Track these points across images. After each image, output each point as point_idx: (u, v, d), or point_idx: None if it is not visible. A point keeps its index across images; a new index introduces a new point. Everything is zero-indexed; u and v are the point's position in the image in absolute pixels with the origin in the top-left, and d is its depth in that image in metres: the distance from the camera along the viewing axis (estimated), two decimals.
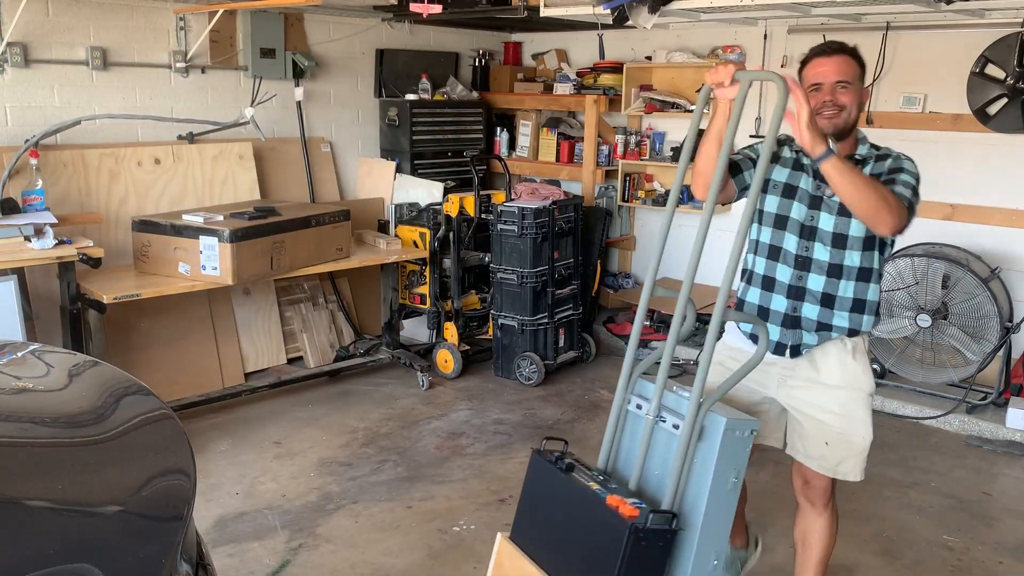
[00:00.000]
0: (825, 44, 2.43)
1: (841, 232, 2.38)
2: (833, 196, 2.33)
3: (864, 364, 2.45)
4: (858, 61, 2.40)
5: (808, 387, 2.46)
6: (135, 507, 1.39)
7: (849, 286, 2.39)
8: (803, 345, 2.44)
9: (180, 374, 4.53)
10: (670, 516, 2.07)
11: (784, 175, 2.47)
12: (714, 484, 2.14)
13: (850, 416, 2.43)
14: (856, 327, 2.42)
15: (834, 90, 2.34)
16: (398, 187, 5.52)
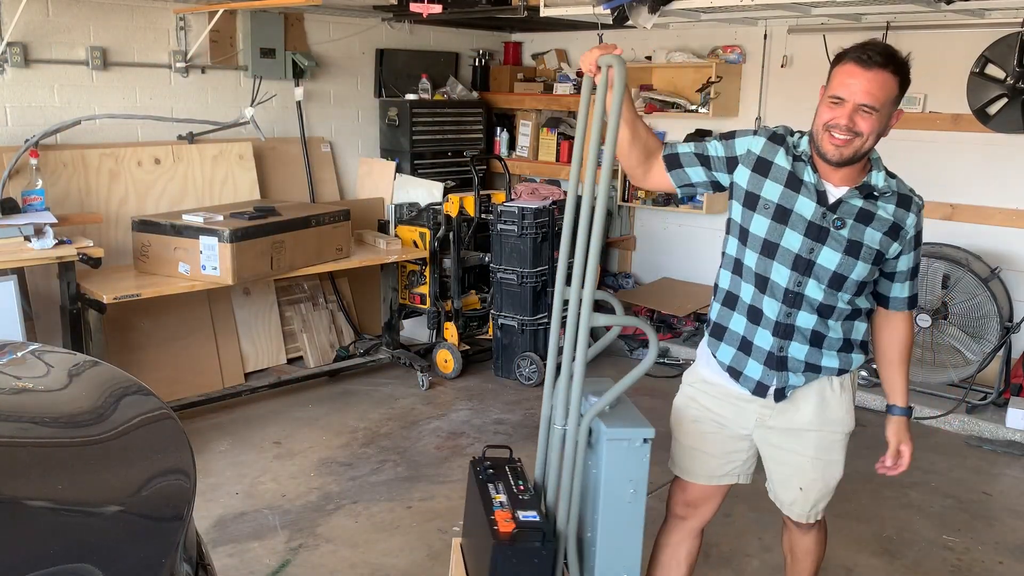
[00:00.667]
0: (867, 49, 1.99)
1: (843, 273, 2.10)
2: (842, 230, 2.07)
3: (848, 403, 2.26)
4: (902, 78, 2.02)
5: (785, 432, 2.25)
6: (135, 507, 1.39)
7: (838, 326, 2.18)
8: (789, 387, 2.20)
9: (180, 374, 4.53)
10: (540, 532, 2.03)
11: (776, 193, 2.11)
12: (606, 496, 2.08)
13: (826, 460, 2.27)
14: (845, 366, 2.22)
15: (855, 112, 1.99)
16: (398, 187, 5.52)
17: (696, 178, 2.21)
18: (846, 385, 2.25)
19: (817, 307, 2.13)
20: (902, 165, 5.29)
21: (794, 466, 2.28)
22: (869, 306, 2.23)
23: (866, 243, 2.09)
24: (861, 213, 2.09)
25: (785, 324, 2.15)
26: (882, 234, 2.10)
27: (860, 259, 2.09)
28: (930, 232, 4.69)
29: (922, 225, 2.17)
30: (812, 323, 2.14)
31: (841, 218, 2.08)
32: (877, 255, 2.11)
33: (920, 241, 2.18)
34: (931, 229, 4.72)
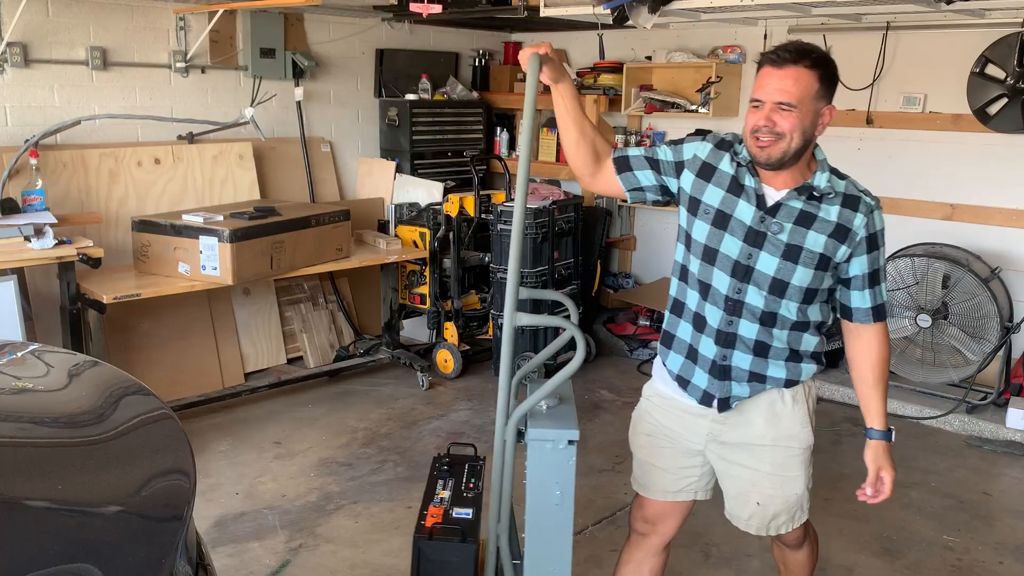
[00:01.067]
0: (777, 50, 1.99)
1: (782, 279, 2.03)
2: (780, 234, 2.01)
3: (803, 416, 2.17)
4: (821, 72, 1.95)
5: (738, 447, 2.19)
6: (135, 507, 1.39)
7: (784, 335, 2.10)
8: (733, 398, 2.14)
9: (180, 374, 4.53)
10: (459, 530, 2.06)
11: (717, 198, 2.07)
12: (532, 499, 2.06)
13: (781, 476, 2.18)
14: (794, 377, 2.14)
15: (774, 112, 1.95)
16: (398, 187, 5.52)
17: (645, 182, 2.19)
18: (799, 398, 2.16)
19: (759, 315, 2.07)
20: (902, 165, 5.31)
21: (750, 481, 2.20)
22: (822, 318, 2.13)
23: (806, 247, 2.01)
24: (801, 216, 2.02)
25: (727, 332, 2.10)
26: (826, 236, 2.01)
27: (800, 264, 2.02)
28: (930, 232, 4.74)
29: (877, 227, 2.05)
30: (754, 332, 2.08)
31: (779, 222, 2.02)
32: (821, 259, 2.02)
33: (876, 244, 2.06)
34: (931, 229, 4.76)
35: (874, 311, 2.10)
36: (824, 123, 2.00)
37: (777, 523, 2.24)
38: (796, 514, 2.24)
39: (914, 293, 4.46)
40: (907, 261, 4.47)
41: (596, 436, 4.30)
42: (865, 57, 4.86)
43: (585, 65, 6.12)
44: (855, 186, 2.08)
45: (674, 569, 3.07)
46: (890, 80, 4.85)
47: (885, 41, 4.79)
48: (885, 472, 2.14)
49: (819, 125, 1.99)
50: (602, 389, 4.98)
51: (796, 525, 2.26)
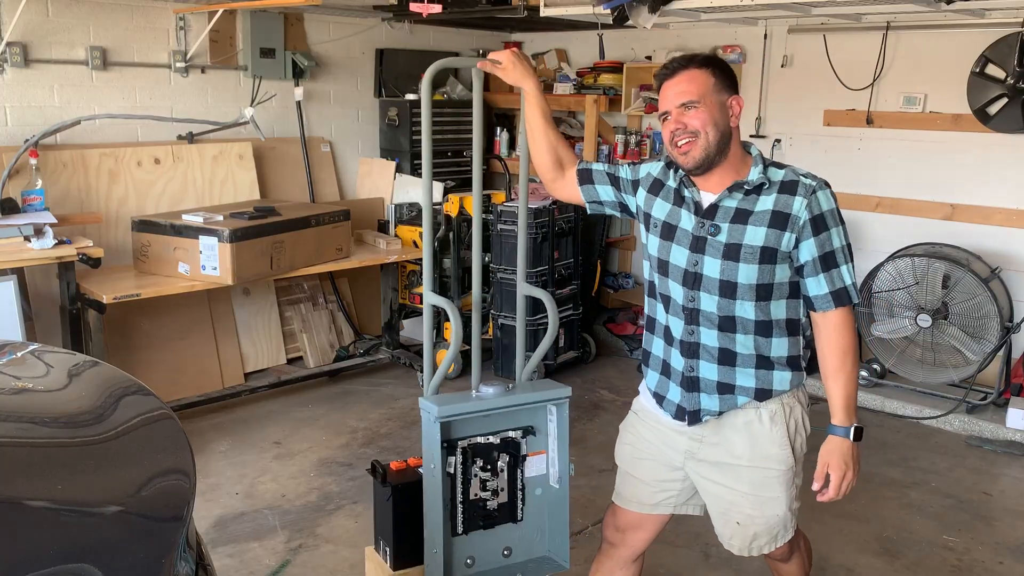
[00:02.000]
0: (667, 63, 2.08)
1: (728, 279, 2.02)
2: (718, 235, 2.01)
3: (779, 438, 2.09)
4: (712, 68, 2.01)
5: (715, 466, 2.15)
6: (135, 507, 1.39)
7: (748, 340, 2.05)
8: (703, 411, 2.11)
9: (180, 374, 4.53)
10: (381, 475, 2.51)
11: (664, 211, 2.12)
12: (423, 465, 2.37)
13: (760, 496, 2.13)
14: (766, 386, 2.07)
15: (681, 115, 2.00)
16: (398, 187, 5.52)
17: (605, 196, 2.26)
18: (777, 418, 2.09)
19: (716, 321, 2.05)
20: (902, 165, 5.31)
21: (729, 501, 2.16)
22: (788, 316, 2.08)
23: (745, 243, 2.00)
24: (737, 213, 2.02)
25: (689, 342, 2.09)
26: (766, 228, 1.99)
27: (741, 261, 2.00)
28: (930, 232, 4.74)
29: (823, 207, 1.99)
30: (715, 339, 2.06)
31: (716, 223, 2.03)
32: (763, 252, 1.99)
33: (824, 225, 1.99)
34: (931, 229, 4.76)
35: (833, 296, 2.03)
36: (735, 113, 2.03)
37: (759, 543, 2.20)
38: (779, 534, 2.19)
39: (914, 293, 4.46)
40: (907, 261, 4.47)
41: (596, 436, 4.30)
42: (865, 57, 4.86)
43: (585, 65, 6.13)
44: (794, 172, 2.05)
45: (674, 569, 3.07)
46: (890, 80, 4.85)
47: (885, 41, 4.79)
48: (832, 470, 2.06)
49: (731, 116, 2.02)
50: (602, 389, 4.98)
51: (779, 544, 2.21)
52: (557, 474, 2.51)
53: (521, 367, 2.60)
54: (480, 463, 2.45)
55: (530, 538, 2.54)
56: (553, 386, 2.47)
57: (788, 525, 2.19)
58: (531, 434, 2.49)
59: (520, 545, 2.54)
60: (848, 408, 2.06)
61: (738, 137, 2.05)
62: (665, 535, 3.23)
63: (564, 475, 2.49)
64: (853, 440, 2.06)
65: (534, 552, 2.56)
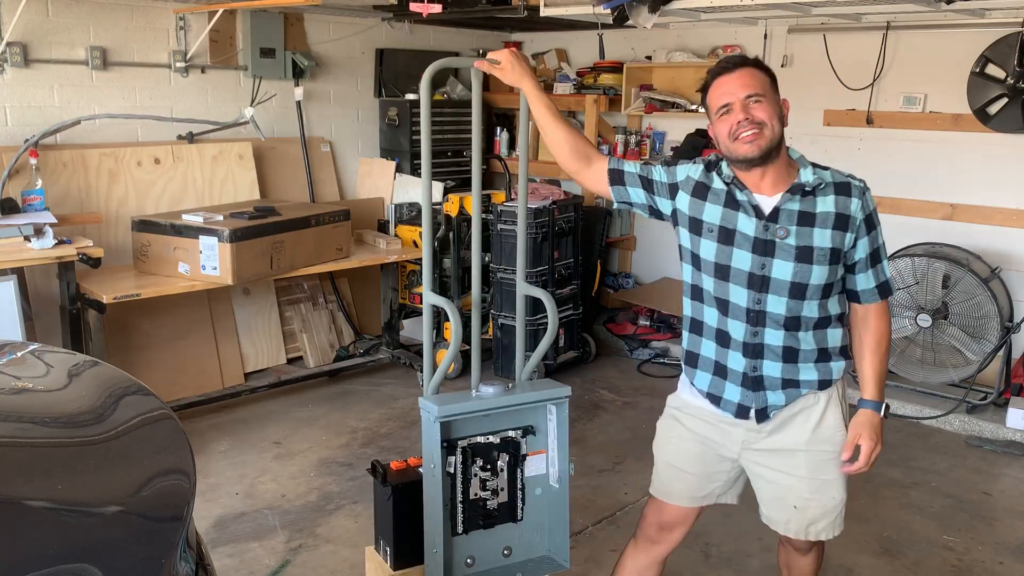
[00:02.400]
0: (723, 60, 2.13)
1: (801, 281, 2.06)
2: (788, 239, 2.05)
3: (836, 420, 2.19)
4: (765, 71, 2.08)
5: (774, 453, 2.20)
6: (135, 507, 1.39)
7: (810, 336, 2.12)
8: (770, 407, 2.16)
9: (180, 374, 4.53)
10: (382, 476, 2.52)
11: (717, 216, 2.12)
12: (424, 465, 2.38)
13: (820, 479, 2.20)
14: (826, 377, 2.17)
15: (746, 106, 2.03)
16: (398, 187, 5.52)
17: (636, 199, 2.26)
18: (833, 400, 2.19)
19: (783, 322, 2.09)
20: (902, 165, 5.31)
21: (786, 486, 2.22)
22: (841, 309, 2.17)
23: (817, 245, 2.05)
24: (802, 216, 2.06)
25: (753, 344, 2.12)
26: (831, 230, 2.06)
27: (815, 263, 2.06)
28: (930, 232, 4.74)
29: (871, 207, 2.11)
30: (781, 339, 2.11)
31: (783, 226, 2.06)
32: (833, 253, 2.06)
33: (873, 224, 2.11)
34: (931, 229, 4.75)
35: (879, 289, 2.15)
36: (786, 113, 2.09)
37: (816, 528, 2.24)
38: (836, 519, 2.25)
39: (914, 293, 4.46)
40: (907, 261, 4.47)
41: (596, 436, 4.30)
42: (865, 57, 4.86)
43: (585, 65, 6.13)
44: (840, 174, 2.13)
45: (674, 569, 3.07)
46: (890, 80, 4.85)
47: (885, 41, 4.79)
48: (864, 441, 2.15)
49: (784, 115, 2.09)
50: (602, 389, 4.98)
51: (836, 532, 2.27)
52: (557, 474, 2.51)
53: (521, 367, 2.60)
54: (480, 463, 2.45)
55: (530, 538, 2.54)
56: (553, 386, 2.47)
57: (843, 511, 2.25)
58: (531, 434, 2.49)
59: (520, 545, 2.54)
60: (881, 385, 2.18)
61: (784, 139, 2.09)
62: None
63: (564, 475, 2.49)
64: (883, 415, 2.18)
65: (534, 552, 2.56)
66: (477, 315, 2.53)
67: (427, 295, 2.44)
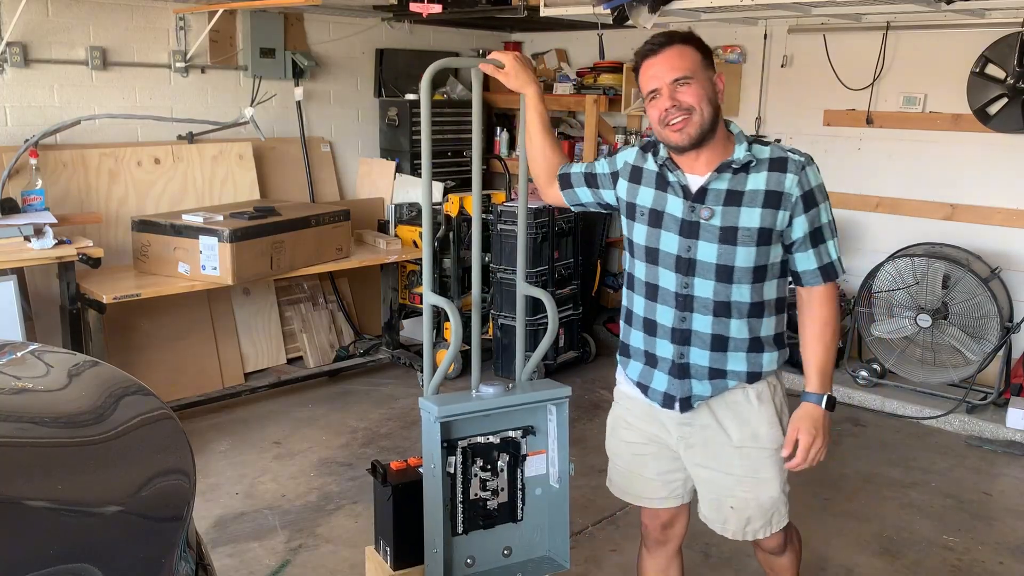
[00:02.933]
0: (649, 40, 1.99)
1: (726, 264, 1.99)
2: (712, 219, 1.98)
3: (770, 415, 2.10)
4: (695, 45, 1.97)
5: (706, 447, 2.14)
6: (135, 507, 1.39)
7: (743, 324, 2.03)
8: (694, 397, 2.09)
9: (180, 374, 4.53)
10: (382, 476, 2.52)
11: (649, 198, 2.08)
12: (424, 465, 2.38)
13: (754, 478, 2.12)
14: (756, 369, 2.07)
15: (674, 91, 1.94)
16: (398, 187, 5.52)
17: (584, 198, 2.26)
18: (764, 396, 2.10)
19: (711, 307, 2.03)
20: (902, 165, 5.31)
21: (721, 485, 2.15)
22: (778, 295, 2.08)
23: (742, 225, 1.97)
24: (729, 195, 1.98)
25: (681, 330, 2.07)
26: (760, 208, 1.97)
27: (739, 244, 1.97)
28: (930, 232, 4.74)
29: (812, 183, 1.98)
30: (709, 325, 2.04)
31: (708, 207, 1.99)
32: (761, 233, 1.97)
33: (815, 200, 1.98)
34: (931, 229, 4.75)
35: (822, 271, 2.03)
36: (720, 90, 1.99)
37: (753, 528, 2.18)
38: (773, 518, 2.17)
39: (914, 293, 4.46)
40: (907, 261, 4.47)
41: (596, 436, 4.29)
42: (865, 57, 4.86)
43: (585, 65, 6.12)
44: (781, 148, 2.02)
45: None
46: (890, 80, 4.85)
47: (885, 41, 4.79)
48: (801, 435, 2.04)
49: (718, 93, 1.98)
50: (602, 389, 4.98)
51: (775, 530, 2.20)
52: (557, 474, 2.51)
53: (521, 367, 2.60)
54: (480, 463, 2.45)
55: (530, 538, 2.54)
56: (553, 386, 2.48)
57: (782, 509, 2.17)
58: (531, 434, 2.49)
59: (520, 545, 2.54)
60: (824, 376, 2.06)
61: (720, 114, 2.01)
62: None
63: (564, 475, 2.49)
64: (825, 408, 2.06)
65: (534, 552, 2.56)
66: (477, 315, 2.53)
67: (427, 295, 2.44)
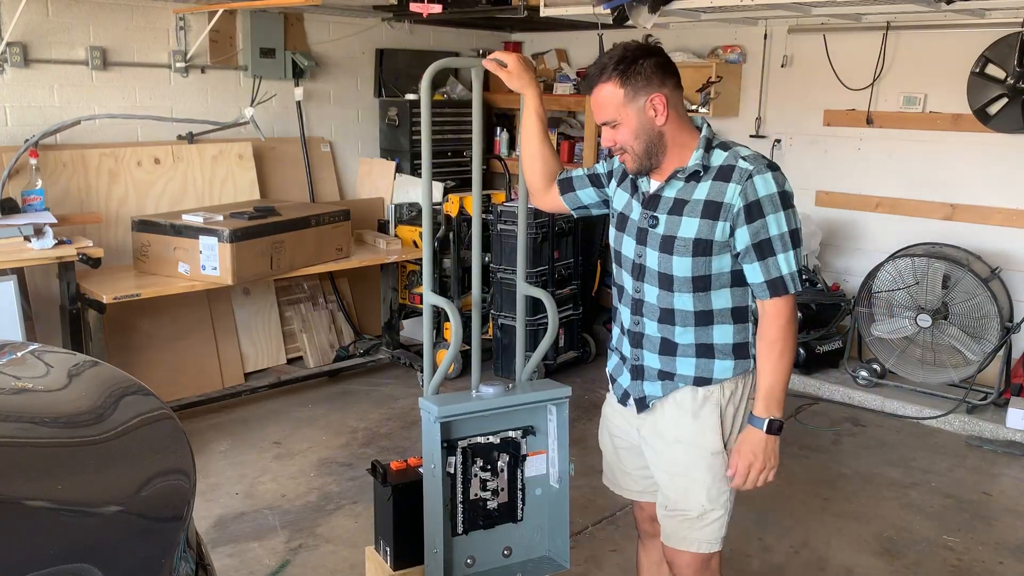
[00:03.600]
0: (583, 76, 2.03)
1: (665, 272, 1.99)
2: (657, 227, 1.99)
3: (711, 419, 2.03)
4: (619, 78, 1.92)
5: (653, 443, 2.12)
6: (135, 507, 1.39)
7: (688, 332, 2.01)
8: (648, 397, 2.10)
9: (180, 374, 4.53)
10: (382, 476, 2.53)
11: (622, 202, 2.12)
12: (424, 466, 2.38)
13: (686, 476, 2.06)
14: (705, 375, 2.03)
15: (606, 132, 1.99)
16: (398, 187, 5.52)
17: (587, 199, 2.25)
18: (712, 400, 2.04)
19: (658, 313, 2.03)
20: (902, 165, 5.31)
21: (661, 484, 2.14)
22: (733, 304, 2.02)
23: (679, 235, 1.96)
24: (675, 203, 1.98)
25: (634, 332, 2.10)
26: (699, 219, 1.94)
27: (675, 254, 1.96)
28: (930, 232, 4.74)
29: (759, 193, 1.89)
30: (656, 330, 2.05)
31: (656, 215, 2.00)
32: (696, 244, 1.94)
33: (760, 212, 1.89)
34: (931, 229, 4.75)
35: (768, 285, 1.95)
36: (659, 112, 1.94)
37: (677, 536, 2.10)
38: (702, 534, 2.07)
39: (914, 293, 4.46)
40: (907, 261, 4.47)
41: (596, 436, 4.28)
42: (865, 57, 4.86)
43: (585, 65, 6.12)
44: (736, 155, 1.95)
45: None
46: (890, 80, 4.85)
47: (885, 41, 4.79)
48: (740, 459, 2.01)
49: (656, 117, 1.94)
50: (602, 389, 4.96)
51: (693, 549, 2.08)
52: (557, 474, 2.51)
53: (521, 367, 2.60)
54: (480, 463, 2.45)
55: (530, 538, 2.54)
56: (553, 386, 2.48)
57: (712, 527, 2.07)
58: (531, 434, 2.49)
59: (520, 545, 2.54)
60: (768, 399, 1.98)
61: (680, 126, 1.98)
62: None
63: (564, 475, 2.49)
64: (767, 432, 1.98)
65: (534, 552, 2.56)
66: (477, 315, 2.53)
67: (427, 295, 2.45)
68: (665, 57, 1.98)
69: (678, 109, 1.98)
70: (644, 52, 1.95)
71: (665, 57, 1.98)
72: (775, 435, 1.99)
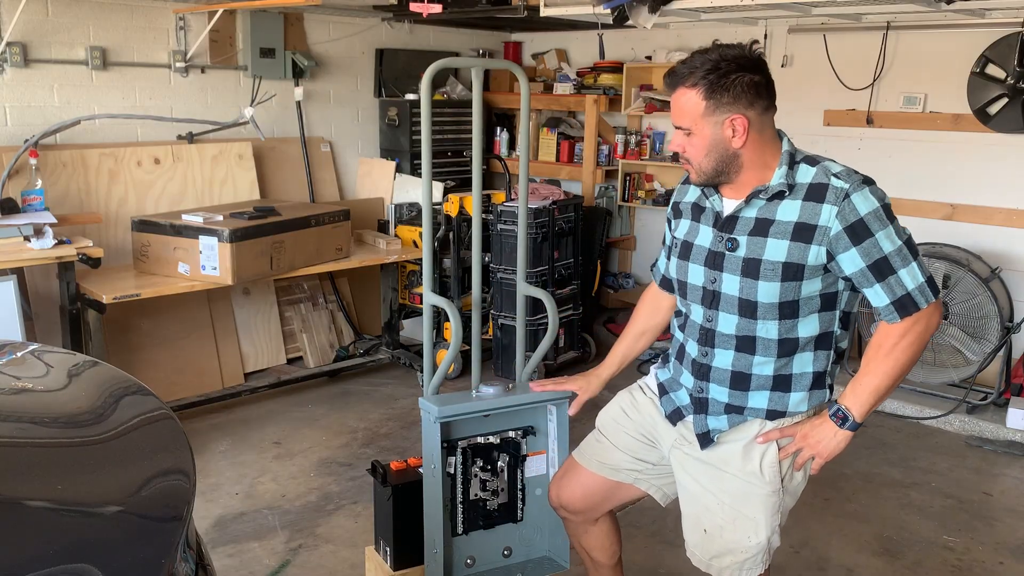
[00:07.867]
0: (669, 71, 1.83)
1: (748, 298, 1.83)
2: (737, 250, 1.83)
3: (772, 459, 1.91)
4: (704, 87, 1.77)
5: (701, 464, 1.98)
6: (135, 507, 1.38)
7: (767, 363, 1.87)
8: (713, 431, 1.95)
9: (180, 374, 4.53)
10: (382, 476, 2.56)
11: (684, 230, 1.98)
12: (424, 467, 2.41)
13: (738, 512, 1.93)
14: (780, 408, 1.90)
15: (678, 137, 1.86)
16: (398, 187, 5.52)
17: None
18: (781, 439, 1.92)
19: (734, 343, 1.88)
20: (902, 165, 5.31)
21: (704, 504, 1.98)
22: (820, 330, 1.87)
23: (766, 258, 1.80)
24: (757, 224, 1.83)
25: (701, 364, 1.95)
26: (789, 241, 1.79)
27: (761, 279, 1.80)
28: (930, 232, 4.74)
29: (860, 212, 1.76)
30: (730, 362, 1.90)
31: (734, 237, 1.85)
32: (786, 268, 1.79)
33: (867, 231, 1.76)
34: (931, 229, 4.75)
35: (897, 306, 1.79)
36: (737, 133, 1.79)
37: (720, 564, 1.98)
38: (747, 563, 1.95)
39: None
40: None
41: None
42: (865, 57, 4.86)
43: (585, 65, 6.13)
44: (826, 171, 1.80)
45: (674, 569, 3.07)
46: (890, 80, 4.85)
47: (885, 41, 4.79)
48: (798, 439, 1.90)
49: (733, 138, 1.79)
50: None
51: (743, 575, 1.97)
52: None
53: (521, 367, 2.60)
54: (480, 463, 2.46)
55: (530, 538, 2.55)
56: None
57: (759, 558, 1.96)
58: (531, 434, 2.49)
59: (520, 545, 2.55)
60: (861, 396, 1.84)
61: (761, 147, 1.83)
62: (666, 535, 3.24)
63: None
64: (841, 427, 1.85)
65: (534, 552, 2.56)
66: (477, 315, 2.53)
67: (427, 295, 2.45)
68: (765, 75, 1.80)
69: (762, 132, 1.82)
70: (741, 66, 1.76)
71: (765, 75, 1.80)
72: (851, 430, 1.86)
